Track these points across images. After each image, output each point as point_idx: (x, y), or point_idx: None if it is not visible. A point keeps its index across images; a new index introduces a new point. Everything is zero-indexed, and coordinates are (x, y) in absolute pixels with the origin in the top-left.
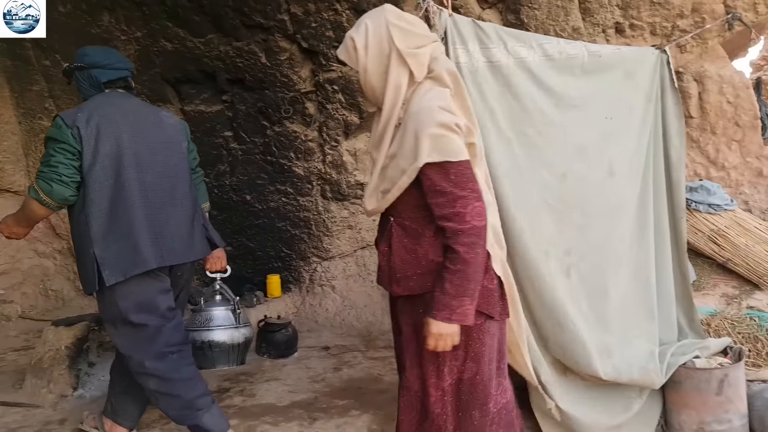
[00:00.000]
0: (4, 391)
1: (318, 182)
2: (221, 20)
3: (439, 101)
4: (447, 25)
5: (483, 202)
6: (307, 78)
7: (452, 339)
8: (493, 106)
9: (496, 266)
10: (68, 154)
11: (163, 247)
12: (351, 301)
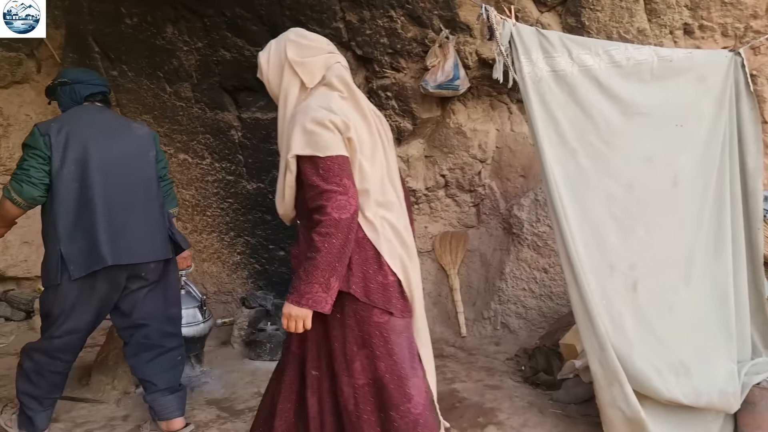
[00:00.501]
0: (71, 386)
1: None
2: (278, 30)
3: (319, 101)
4: (511, 35)
5: (349, 197)
6: (360, 85)
7: (303, 322)
8: (558, 116)
9: (393, 263)
10: (39, 159)
11: (121, 246)
12: None
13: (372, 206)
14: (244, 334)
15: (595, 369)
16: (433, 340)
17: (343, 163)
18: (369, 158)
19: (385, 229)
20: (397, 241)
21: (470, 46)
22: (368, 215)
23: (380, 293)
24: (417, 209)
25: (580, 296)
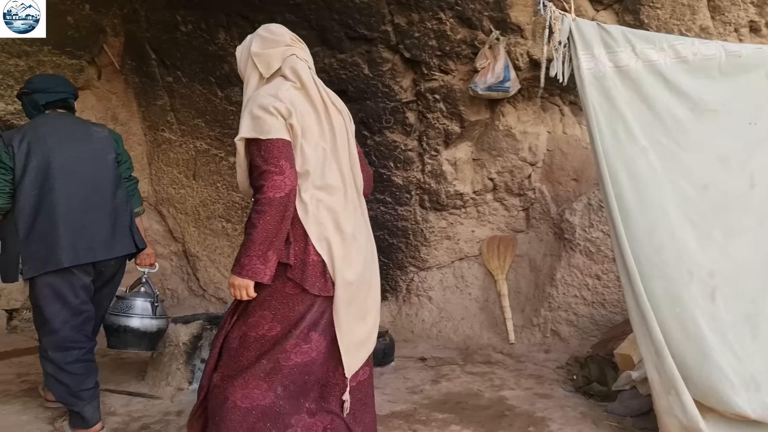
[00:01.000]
0: (128, 381)
1: (417, 192)
2: (326, 33)
3: (269, 89)
4: (570, 30)
5: (285, 177)
6: (408, 88)
7: (246, 290)
8: (625, 112)
9: (318, 244)
10: (2, 170)
11: (80, 247)
12: (448, 313)
13: (309, 188)
14: None
15: (652, 376)
16: (480, 346)
17: (282, 146)
18: (312, 144)
19: (319, 211)
20: (331, 224)
21: (521, 47)
22: (304, 196)
23: (299, 269)
24: (464, 213)
25: (636, 302)
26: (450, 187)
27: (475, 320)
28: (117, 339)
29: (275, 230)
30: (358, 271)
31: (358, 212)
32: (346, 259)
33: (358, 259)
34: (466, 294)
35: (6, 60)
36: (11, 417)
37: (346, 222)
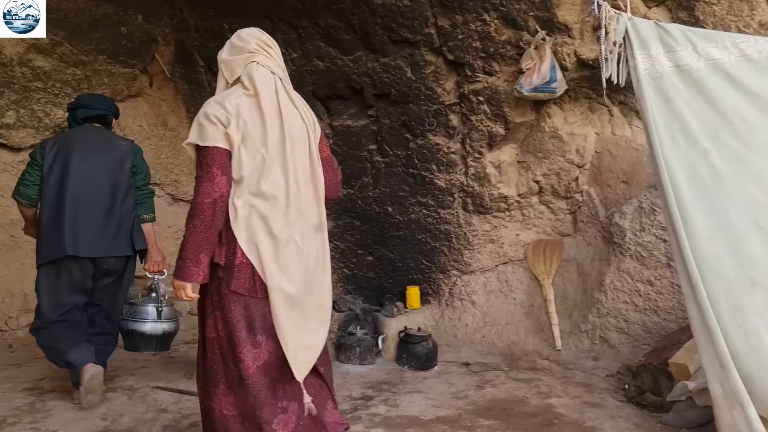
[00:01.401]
0: (178, 380)
1: (460, 195)
2: (370, 37)
3: (219, 97)
4: (626, 30)
5: (214, 184)
6: (451, 90)
7: (184, 291)
8: (684, 114)
9: (246, 248)
10: (35, 166)
11: (81, 241)
12: (492, 318)
13: (243, 194)
14: (334, 337)
15: (715, 389)
16: (526, 352)
17: (217, 153)
18: (251, 152)
19: (251, 216)
20: (263, 230)
21: (568, 47)
22: (236, 202)
23: (229, 270)
24: (508, 216)
25: (699, 311)
26: (494, 190)
27: (520, 325)
28: (128, 342)
29: (205, 234)
30: (298, 276)
31: (306, 219)
32: (279, 264)
33: (297, 263)
34: (511, 299)
35: (64, 69)
36: (67, 413)
37: (282, 228)
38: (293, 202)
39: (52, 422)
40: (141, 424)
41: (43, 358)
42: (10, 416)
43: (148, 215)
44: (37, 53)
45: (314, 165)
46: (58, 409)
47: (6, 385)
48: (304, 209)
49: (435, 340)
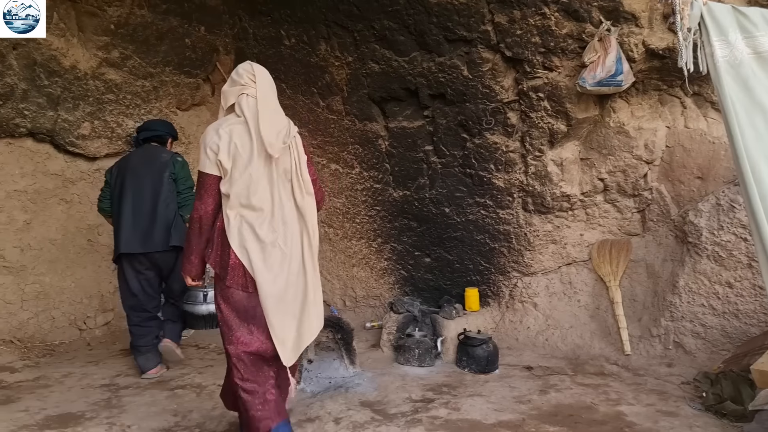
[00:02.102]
0: None
1: (519, 194)
2: (425, 37)
3: (216, 123)
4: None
5: (202, 203)
6: (509, 87)
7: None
8: (765, 103)
9: (237, 251)
10: (106, 184)
11: (130, 241)
12: (555, 321)
13: (235, 206)
14: (393, 338)
15: None
16: (592, 356)
17: (206, 179)
18: (240, 170)
19: (241, 225)
20: (251, 236)
21: (635, 37)
22: (229, 213)
23: (225, 270)
24: (571, 215)
25: None
26: (556, 189)
27: (585, 329)
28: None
29: (195, 240)
30: (283, 274)
31: (289, 227)
32: (266, 263)
33: (281, 264)
34: (575, 301)
35: (134, 82)
36: (141, 408)
37: (267, 233)
38: (277, 212)
39: (127, 417)
40: (209, 421)
41: (118, 355)
42: (88, 411)
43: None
44: (109, 67)
45: (298, 182)
46: (132, 405)
47: (84, 381)
48: (287, 219)
49: (495, 343)
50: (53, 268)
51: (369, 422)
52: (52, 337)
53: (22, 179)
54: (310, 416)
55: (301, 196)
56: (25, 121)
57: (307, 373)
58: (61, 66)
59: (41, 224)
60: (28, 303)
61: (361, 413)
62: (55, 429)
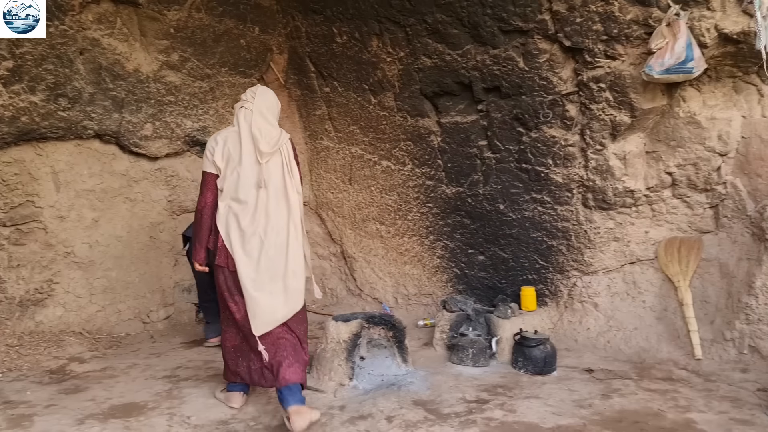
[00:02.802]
0: None
1: (579, 190)
2: (479, 30)
3: (219, 131)
4: None
5: (202, 197)
6: (568, 78)
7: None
8: None
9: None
10: None
11: None
12: (617, 322)
13: (226, 199)
14: (446, 337)
15: None
16: (658, 360)
17: (206, 176)
18: (230, 169)
19: (228, 215)
20: (234, 225)
21: (707, 21)
22: (220, 204)
23: (215, 249)
24: (635, 212)
25: None
26: (618, 184)
27: (650, 331)
28: None
29: (198, 230)
30: (262, 261)
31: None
32: (244, 249)
33: (260, 251)
34: (639, 302)
35: (192, 83)
36: (200, 400)
37: (249, 224)
38: (260, 206)
39: (187, 408)
40: (263, 414)
41: (179, 348)
42: (151, 401)
43: None
44: (169, 69)
45: (286, 181)
46: (192, 396)
47: (147, 373)
48: (271, 212)
49: (553, 344)
50: (119, 264)
51: (422, 421)
52: (118, 330)
53: (90, 179)
54: (362, 413)
55: (291, 193)
56: (92, 123)
57: (360, 370)
58: (125, 69)
59: (108, 222)
60: (96, 297)
61: (414, 412)
62: (120, 418)
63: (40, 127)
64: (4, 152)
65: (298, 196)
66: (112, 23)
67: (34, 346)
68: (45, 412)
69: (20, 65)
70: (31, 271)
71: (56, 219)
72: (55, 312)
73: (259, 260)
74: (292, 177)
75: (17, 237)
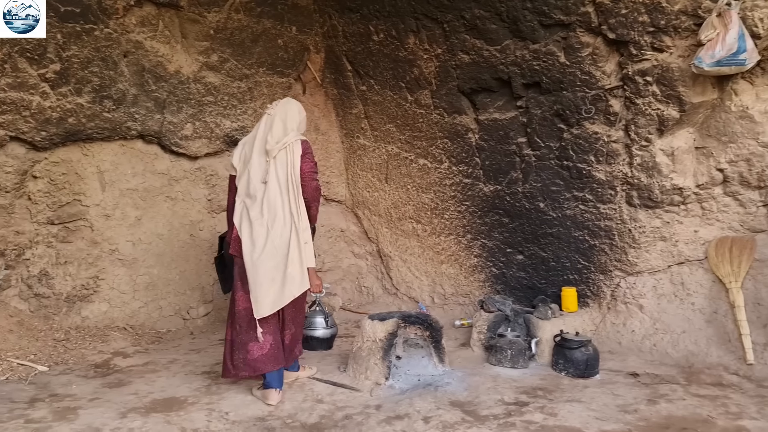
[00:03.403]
0: (332, 372)
1: (623, 187)
2: (519, 24)
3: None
4: None
5: (227, 197)
6: (612, 72)
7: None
8: None
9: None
10: None
11: None
12: (664, 325)
13: (241, 195)
14: (483, 338)
15: None
16: (708, 365)
17: (229, 179)
18: (244, 169)
19: (243, 209)
20: (246, 216)
21: (760, 11)
22: (237, 200)
23: (230, 241)
24: (683, 210)
25: None
26: (666, 181)
27: (700, 334)
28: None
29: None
30: (261, 245)
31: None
32: (250, 237)
33: (264, 238)
34: (688, 304)
35: (230, 83)
36: (238, 396)
37: (257, 215)
38: (266, 200)
39: (225, 404)
40: (300, 412)
41: (217, 344)
42: (191, 396)
43: None
44: (208, 70)
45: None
46: (230, 393)
47: (188, 368)
48: (275, 206)
49: (596, 346)
50: (160, 261)
51: (459, 423)
52: (160, 326)
53: (133, 178)
54: (398, 413)
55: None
56: (135, 123)
57: (396, 369)
58: (167, 71)
59: (150, 220)
60: (139, 293)
61: (451, 413)
62: (161, 412)
63: (86, 128)
64: (53, 153)
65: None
66: (155, 26)
67: (80, 340)
68: (89, 405)
69: (67, 68)
70: (78, 268)
71: (102, 217)
72: (101, 308)
73: (265, 247)
74: (294, 176)
75: (65, 235)
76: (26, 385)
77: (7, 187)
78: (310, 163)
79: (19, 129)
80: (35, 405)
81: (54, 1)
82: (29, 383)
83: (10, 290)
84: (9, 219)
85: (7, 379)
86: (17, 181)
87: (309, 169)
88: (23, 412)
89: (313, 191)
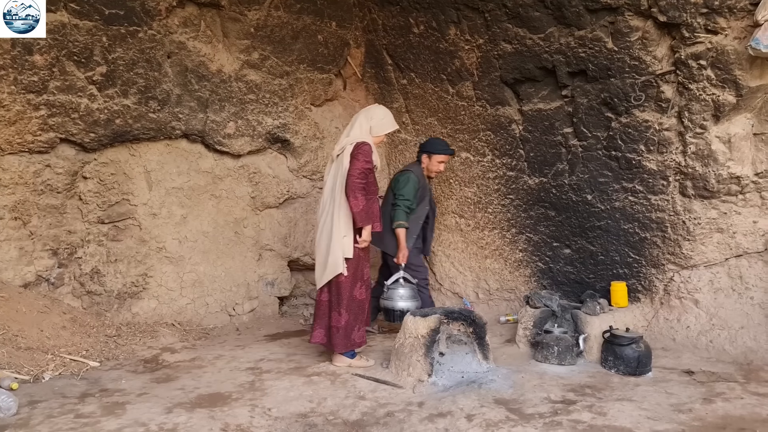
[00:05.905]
0: (374, 368)
1: (676, 177)
2: (563, 10)
3: None
4: None
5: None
6: (663, 57)
7: None
8: None
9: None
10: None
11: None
12: (721, 320)
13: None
14: (529, 334)
15: None
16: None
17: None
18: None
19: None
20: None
21: None
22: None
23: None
24: (742, 200)
25: None
26: (722, 170)
27: (760, 330)
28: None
29: None
30: (321, 232)
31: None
32: (318, 221)
33: (321, 226)
34: (747, 298)
35: (271, 81)
36: (281, 392)
37: (324, 205)
38: (323, 197)
39: (268, 400)
40: (342, 409)
41: (262, 340)
42: (235, 392)
43: (395, 222)
44: (249, 68)
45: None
46: (273, 389)
47: (233, 364)
48: (325, 202)
49: (647, 343)
50: (206, 259)
51: (503, 421)
52: (207, 322)
53: (178, 177)
54: (441, 411)
55: (340, 188)
56: (179, 123)
57: (439, 366)
58: (209, 70)
59: (195, 218)
60: (186, 290)
61: (495, 411)
62: (206, 407)
63: (132, 129)
64: (101, 153)
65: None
66: (197, 26)
67: (131, 336)
68: (137, 400)
69: (113, 70)
70: (128, 266)
71: (149, 216)
72: (150, 304)
73: (321, 233)
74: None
75: (114, 233)
76: (78, 380)
77: (59, 188)
78: (357, 162)
79: (69, 131)
80: (85, 400)
81: (98, 5)
82: (81, 378)
83: (63, 288)
84: (61, 219)
85: (60, 374)
86: (68, 181)
87: (352, 168)
88: (74, 407)
89: (347, 189)
